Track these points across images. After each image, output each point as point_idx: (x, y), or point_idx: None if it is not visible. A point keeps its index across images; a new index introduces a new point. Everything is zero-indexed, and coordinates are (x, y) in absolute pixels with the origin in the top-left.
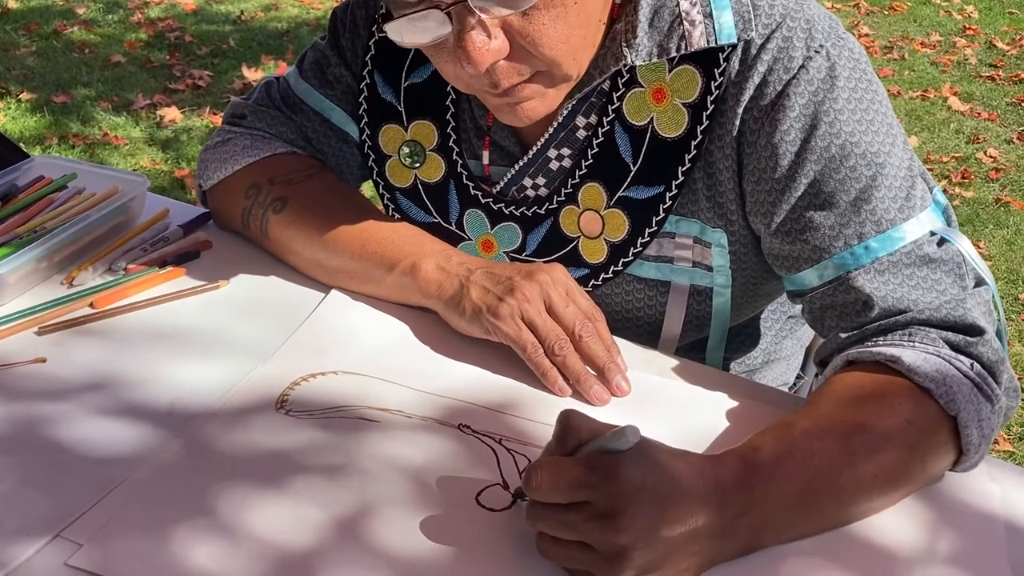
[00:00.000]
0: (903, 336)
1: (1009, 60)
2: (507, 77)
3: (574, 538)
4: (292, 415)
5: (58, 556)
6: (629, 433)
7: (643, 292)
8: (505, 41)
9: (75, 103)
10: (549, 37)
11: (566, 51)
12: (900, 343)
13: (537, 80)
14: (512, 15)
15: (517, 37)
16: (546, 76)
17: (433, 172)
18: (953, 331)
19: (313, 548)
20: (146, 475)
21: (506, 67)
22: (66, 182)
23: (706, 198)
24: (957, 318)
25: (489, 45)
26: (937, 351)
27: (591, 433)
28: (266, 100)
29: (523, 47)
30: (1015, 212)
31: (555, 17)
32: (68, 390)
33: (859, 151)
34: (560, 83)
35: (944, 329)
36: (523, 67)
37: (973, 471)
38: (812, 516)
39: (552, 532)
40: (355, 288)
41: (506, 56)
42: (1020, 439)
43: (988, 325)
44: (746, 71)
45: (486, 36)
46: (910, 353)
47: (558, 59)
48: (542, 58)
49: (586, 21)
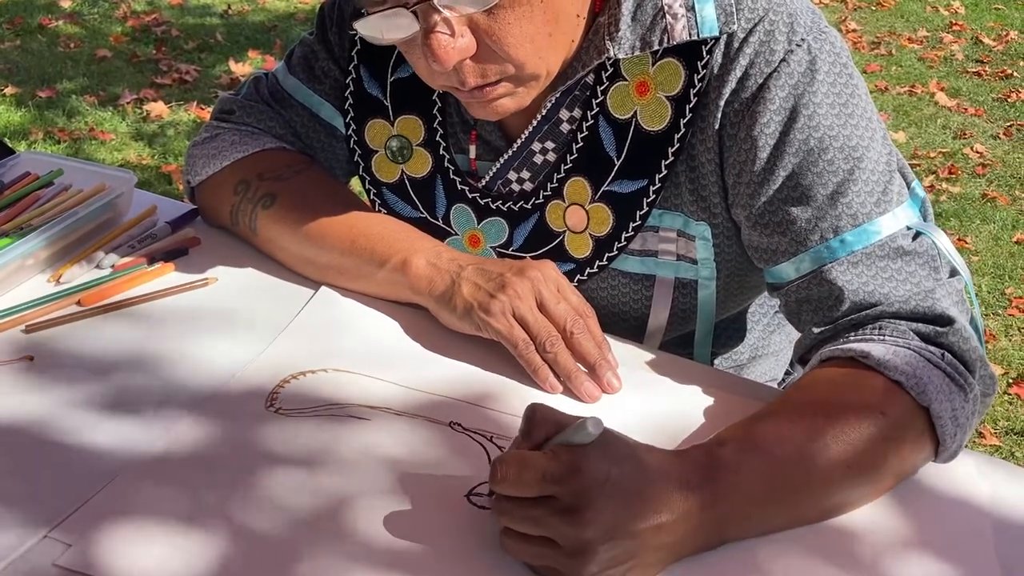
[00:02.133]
0: (874, 330)
1: (995, 56)
2: (473, 76)
3: (539, 533)
4: (282, 413)
5: (46, 556)
6: (591, 425)
7: (628, 286)
8: (472, 40)
9: (60, 98)
10: (514, 36)
11: (531, 51)
12: (871, 337)
13: (505, 80)
14: (477, 13)
15: (483, 36)
16: (513, 77)
17: (420, 167)
18: (923, 322)
19: (303, 546)
20: (135, 474)
21: (472, 66)
22: (52, 178)
23: (689, 191)
24: (926, 309)
25: (454, 43)
26: (907, 343)
27: (557, 426)
28: (254, 95)
29: (489, 46)
30: (1001, 207)
31: (520, 16)
32: (55, 389)
33: (837, 144)
34: (529, 82)
35: (914, 320)
36: (489, 68)
37: (961, 467)
38: (782, 509)
39: (518, 527)
40: (345, 284)
41: (473, 55)
42: (1007, 433)
43: (959, 315)
44: (728, 64)
45: (451, 34)
46: (880, 347)
47: (522, 59)
48: (507, 58)
49: (553, 19)
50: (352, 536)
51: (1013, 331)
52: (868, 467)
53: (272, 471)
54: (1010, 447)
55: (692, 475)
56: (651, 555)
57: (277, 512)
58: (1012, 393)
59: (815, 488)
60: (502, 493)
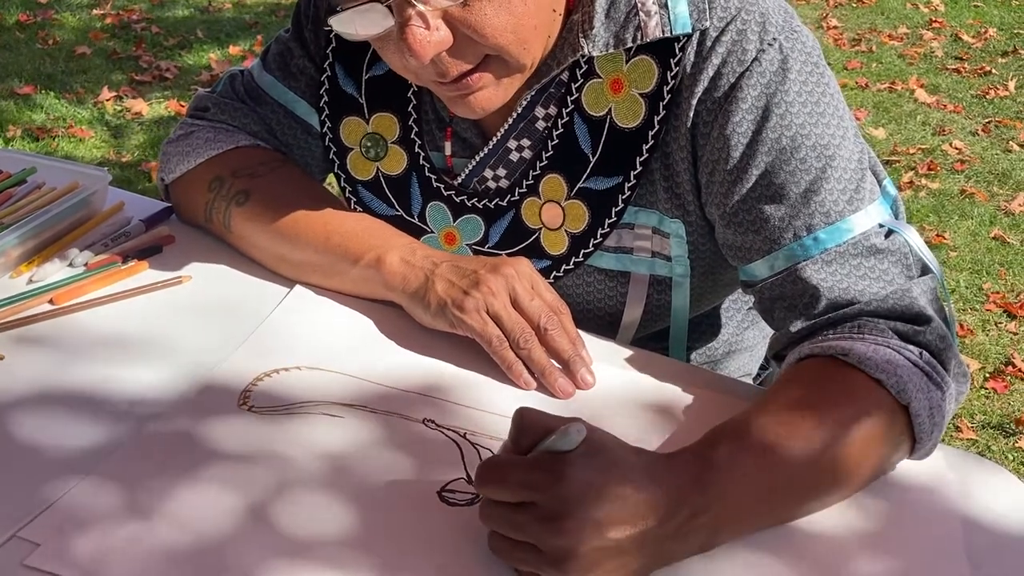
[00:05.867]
0: (852, 328)
1: (974, 53)
2: (454, 66)
3: (522, 538)
4: (255, 411)
5: (15, 556)
6: (573, 432)
7: (603, 283)
8: (448, 33)
9: (39, 94)
10: (493, 27)
11: (514, 40)
12: (850, 335)
13: (489, 68)
14: (452, 6)
15: (460, 27)
16: (497, 63)
17: (395, 165)
18: (901, 320)
19: (276, 544)
20: (105, 474)
21: (450, 59)
22: (25, 176)
23: (664, 189)
24: (904, 307)
25: (430, 37)
26: (887, 342)
27: (544, 431)
28: (230, 92)
29: (467, 37)
30: (979, 203)
31: (497, 7)
32: (26, 388)
33: (809, 143)
34: (514, 72)
35: (892, 319)
36: (469, 55)
37: (930, 460)
38: (770, 512)
39: (502, 531)
40: (319, 282)
41: (450, 47)
42: (982, 427)
43: (935, 313)
44: (701, 63)
45: (426, 28)
46: (860, 346)
47: (505, 47)
48: (489, 47)
49: (535, 11)
50: (326, 533)
51: (990, 326)
52: (852, 467)
53: (245, 469)
54: (986, 441)
55: (684, 482)
56: (636, 561)
57: (249, 510)
58: (989, 387)
59: (802, 490)
60: (485, 496)
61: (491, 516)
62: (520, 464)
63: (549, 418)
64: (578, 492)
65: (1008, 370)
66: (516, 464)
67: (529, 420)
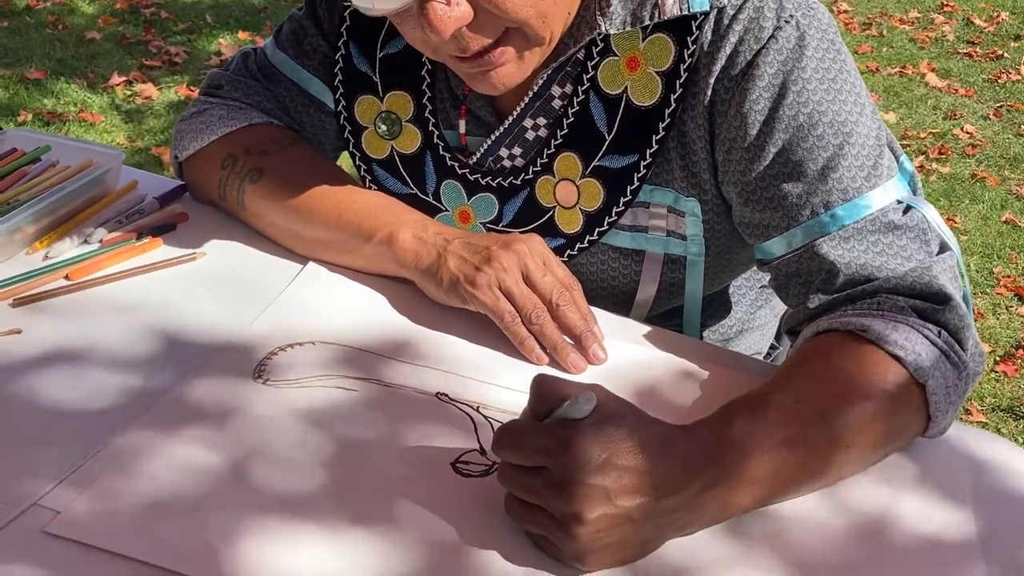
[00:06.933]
0: (872, 305)
1: (986, 37)
2: (475, 41)
3: (534, 501)
4: (270, 384)
5: (35, 523)
6: (583, 401)
7: (617, 261)
8: (468, 8)
9: (49, 79)
10: (512, 2)
11: (534, 14)
12: (870, 312)
13: (510, 42)
14: None
15: (481, 1)
16: (519, 36)
17: (409, 143)
18: (920, 298)
19: (290, 513)
20: (123, 443)
21: (471, 33)
22: (40, 154)
23: (680, 167)
24: (924, 285)
25: (451, 12)
26: (906, 320)
27: (560, 398)
28: (243, 70)
29: (488, 11)
30: (990, 188)
31: None
32: (44, 361)
33: (827, 120)
34: (534, 46)
35: (911, 297)
36: (490, 29)
37: (941, 437)
38: (783, 486)
39: (516, 494)
40: (332, 259)
41: (471, 22)
42: (993, 410)
43: (955, 291)
44: (718, 41)
45: (447, 3)
46: (879, 322)
47: (526, 20)
48: (510, 21)
49: None
50: (340, 503)
51: (1001, 310)
52: (867, 443)
53: (260, 439)
54: (996, 424)
55: (698, 454)
56: (646, 531)
57: (264, 479)
58: (999, 371)
59: (816, 465)
60: (501, 459)
61: (507, 478)
62: (533, 430)
63: (565, 385)
64: (584, 460)
65: (1019, 353)
66: (530, 430)
67: (546, 387)
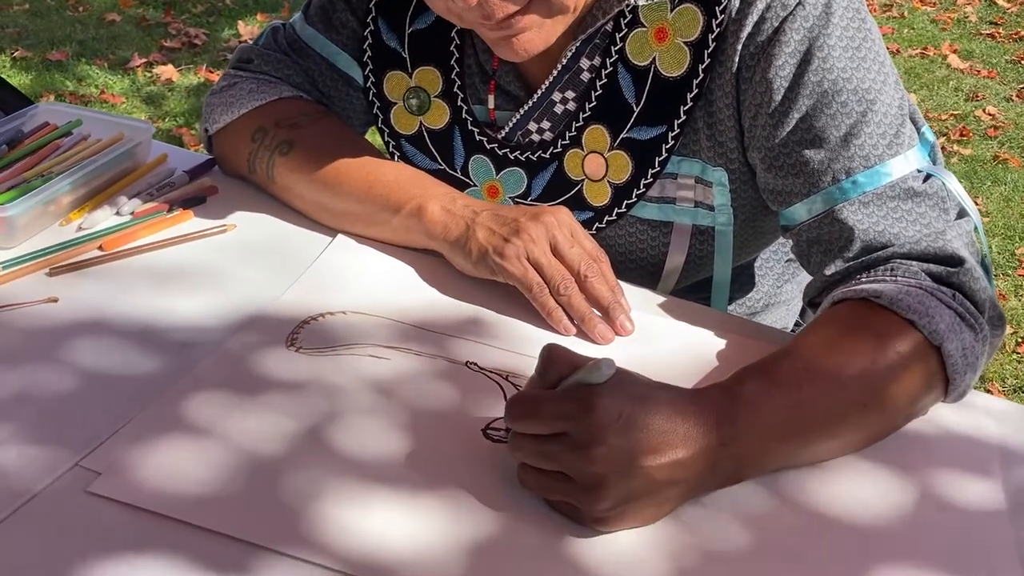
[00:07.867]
0: (885, 271)
1: (1009, 18)
2: (500, 8)
3: (554, 468)
4: (303, 352)
5: (78, 484)
6: (604, 366)
7: (646, 233)
8: None
9: (70, 61)
10: None
11: None
12: (883, 278)
13: (533, 9)
14: None
15: None
16: (542, 4)
17: (438, 119)
18: (934, 263)
19: (322, 478)
20: (160, 407)
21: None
22: (71, 128)
23: (707, 137)
24: (937, 249)
25: None
26: (919, 283)
27: (571, 367)
28: (272, 44)
29: None
30: (1012, 169)
31: None
32: (80, 328)
33: (851, 87)
34: (557, 14)
35: (925, 261)
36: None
37: (967, 405)
38: (799, 448)
39: (533, 463)
40: (361, 231)
41: None
42: (1014, 391)
43: (970, 255)
44: (746, 8)
45: None
46: (892, 287)
47: None
48: None
49: None
50: (372, 467)
51: (1023, 291)
52: (882, 406)
53: (293, 405)
54: None
55: (711, 413)
56: (666, 491)
57: (298, 444)
58: (1021, 352)
59: (831, 426)
60: (517, 431)
61: (522, 448)
62: (551, 397)
63: (575, 354)
64: (608, 420)
65: None
66: (547, 397)
67: (556, 355)
